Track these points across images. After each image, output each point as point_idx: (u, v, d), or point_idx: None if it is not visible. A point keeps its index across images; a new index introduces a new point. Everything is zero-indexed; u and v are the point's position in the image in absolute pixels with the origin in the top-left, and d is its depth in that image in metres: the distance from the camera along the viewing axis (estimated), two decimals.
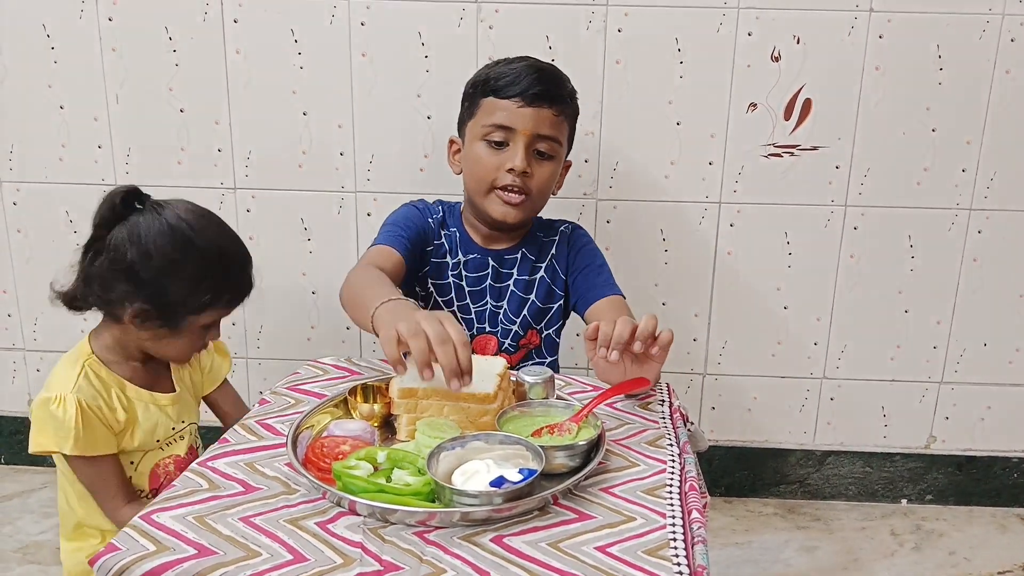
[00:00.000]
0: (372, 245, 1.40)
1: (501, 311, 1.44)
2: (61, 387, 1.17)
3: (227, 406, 1.42)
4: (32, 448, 1.18)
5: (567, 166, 1.47)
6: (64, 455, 1.16)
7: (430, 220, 1.45)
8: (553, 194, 1.45)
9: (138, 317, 1.17)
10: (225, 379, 1.41)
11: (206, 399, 1.40)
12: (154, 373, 1.28)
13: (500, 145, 1.34)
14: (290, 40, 1.77)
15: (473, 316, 1.45)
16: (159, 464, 1.26)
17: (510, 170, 1.33)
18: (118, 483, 1.20)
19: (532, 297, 1.45)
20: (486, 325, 1.45)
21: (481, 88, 1.37)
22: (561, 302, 1.46)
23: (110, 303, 1.18)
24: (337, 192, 1.86)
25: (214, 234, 1.20)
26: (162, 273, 1.14)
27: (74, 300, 1.21)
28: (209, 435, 1.26)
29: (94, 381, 1.20)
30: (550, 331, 1.48)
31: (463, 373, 0.92)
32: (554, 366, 1.50)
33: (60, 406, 1.15)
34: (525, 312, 1.44)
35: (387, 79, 1.78)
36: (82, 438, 1.15)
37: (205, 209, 1.22)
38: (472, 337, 1.45)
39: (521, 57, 1.39)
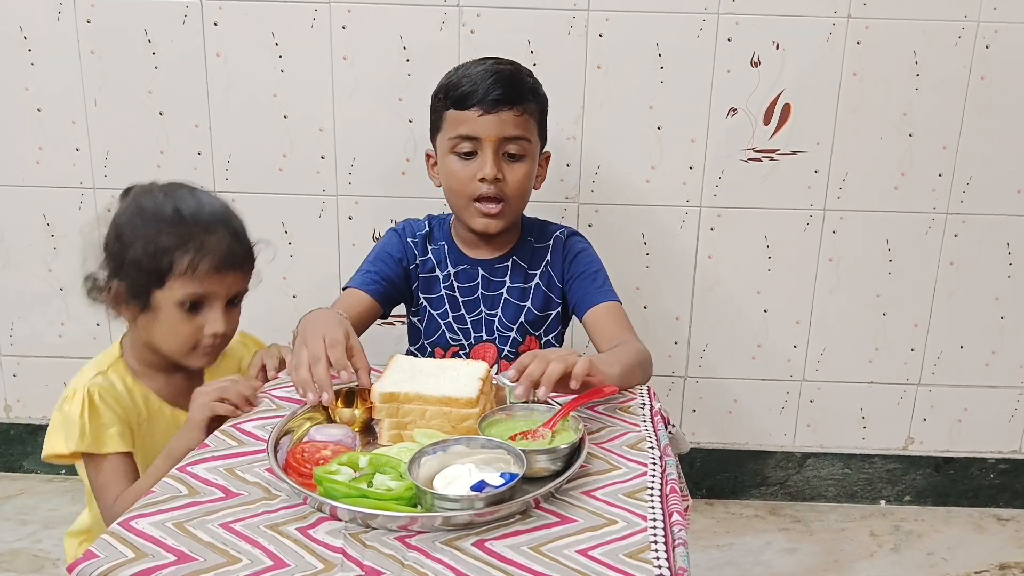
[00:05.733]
0: (347, 285, 1.42)
1: (496, 319, 1.44)
2: (76, 383, 1.15)
3: None
4: (44, 453, 1.15)
5: (546, 157, 1.47)
6: (78, 454, 1.12)
7: (410, 240, 1.46)
8: (536, 188, 1.45)
9: (115, 299, 1.16)
10: None
11: None
12: (186, 387, 1.22)
13: (469, 155, 1.35)
14: (271, 43, 1.76)
15: (469, 326, 1.45)
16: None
17: (482, 179, 1.33)
18: (122, 479, 1.14)
19: (528, 304, 1.45)
20: (483, 333, 1.45)
21: (442, 101, 1.38)
22: (559, 309, 1.46)
23: (100, 290, 1.17)
24: (318, 195, 1.85)
25: (176, 199, 1.16)
26: (123, 245, 1.13)
27: (90, 291, 1.20)
28: None
29: (116, 382, 1.18)
30: (550, 337, 1.48)
31: (316, 389, 1.01)
32: None
33: (71, 401, 1.13)
34: (522, 319, 1.44)
35: (368, 83, 1.78)
36: (88, 433, 1.11)
37: (185, 182, 1.20)
38: (471, 346, 1.45)
39: (479, 60, 1.39)
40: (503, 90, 1.32)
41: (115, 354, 1.22)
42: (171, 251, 1.12)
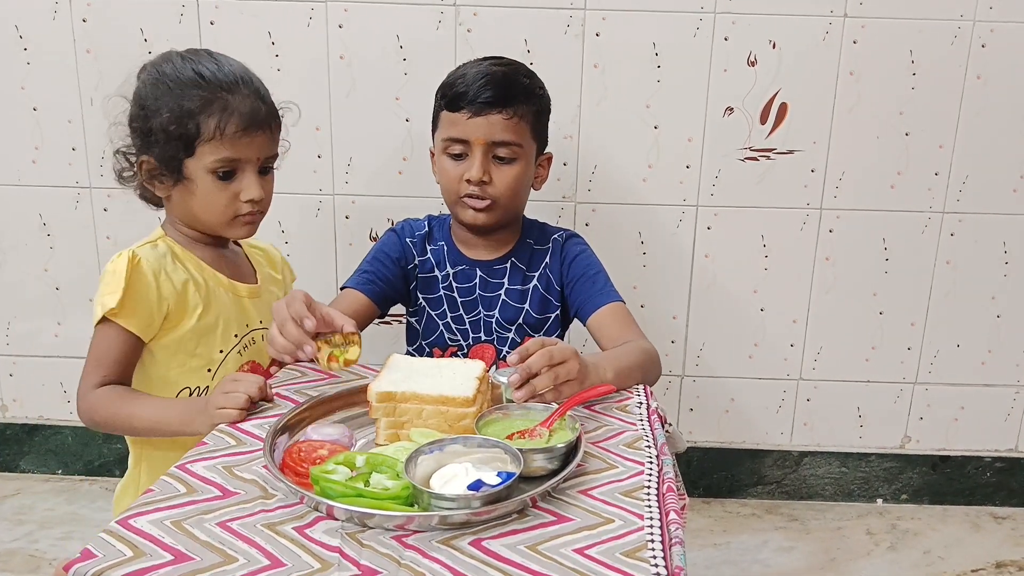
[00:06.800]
0: (344, 284, 1.43)
1: (493, 320, 1.44)
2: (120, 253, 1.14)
3: None
4: (95, 319, 1.13)
5: (547, 158, 1.46)
6: (105, 319, 1.10)
7: (408, 241, 1.46)
8: (536, 188, 1.45)
9: (149, 175, 1.16)
10: None
11: None
12: (234, 264, 1.26)
13: (460, 156, 1.36)
14: (267, 42, 1.76)
15: (468, 326, 1.45)
16: (241, 371, 1.22)
17: (468, 180, 1.34)
18: (114, 363, 1.13)
19: (526, 307, 1.44)
20: (481, 334, 1.45)
21: (439, 101, 1.39)
22: (558, 312, 1.46)
23: (132, 168, 1.18)
24: (315, 195, 1.85)
25: (194, 62, 1.15)
26: (149, 114, 1.13)
27: (121, 176, 1.21)
28: None
29: (164, 253, 1.17)
30: None
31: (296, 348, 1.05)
32: None
33: (116, 261, 1.12)
34: (521, 321, 1.44)
35: (365, 82, 1.78)
36: (128, 297, 1.10)
37: (203, 49, 1.20)
38: (469, 347, 1.45)
39: (479, 60, 1.39)
40: (493, 93, 1.32)
41: (158, 233, 1.21)
42: (196, 114, 1.11)
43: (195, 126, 1.12)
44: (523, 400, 1.02)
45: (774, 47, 1.76)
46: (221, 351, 1.21)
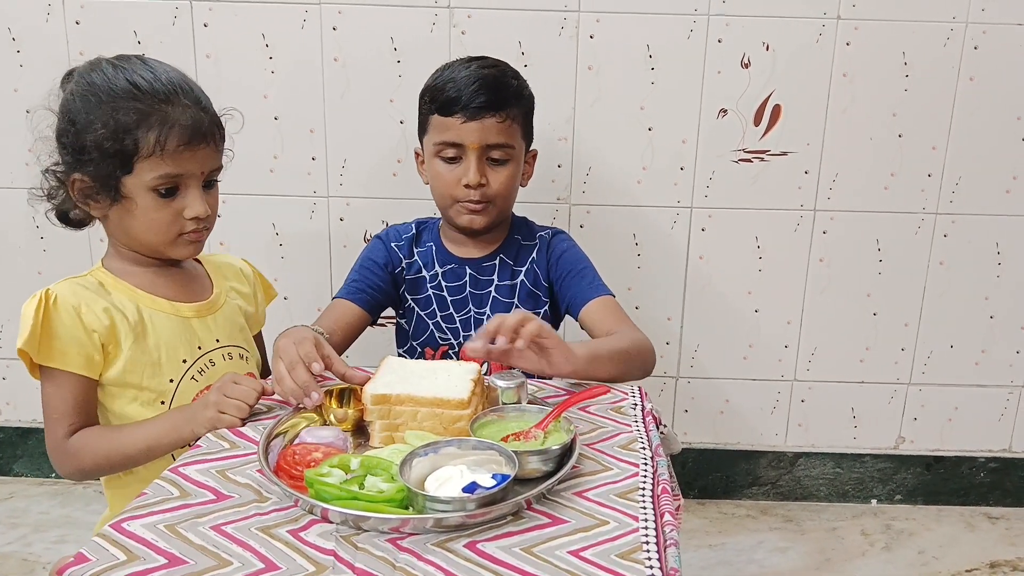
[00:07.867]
0: (335, 296, 1.43)
1: (484, 318, 1.45)
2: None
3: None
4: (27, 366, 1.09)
5: (533, 155, 1.48)
6: (39, 365, 1.07)
7: (394, 245, 1.47)
8: (523, 185, 1.46)
9: (81, 194, 1.08)
10: (260, 332, 1.33)
11: None
12: (181, 283, 1.17)
13: (453, 160, 1.36)
14: (261, 44, 1.76)
15: (458, 325, 1.45)
16: (197, 398, 1.14)
17: (466, 185, 1.35)
18: (73, 409, 1.08)
19: (515, 302, 1.45)
20: (472, 333, 1.45)
21: (428, 104, 1.39)
22: (546, 307, 1.47)
23: (63, 187, 1.09)
24: (309, 197, 1.85)
25: (127, 71, 1.06)
26: (79, 130, 1.04)
27: (49, 196, 1.12)
28: None
29: (89, 286, 1.10)
30: None
31: (303, 394, 1.01)
32: None
33: (30, 302, 1.06)
34: None
35: (359, 84, 1.78)
36: (39, 337, 1.04)
37: (133, 55, 1.10)
38: (459, 345, 1.45)
39: (465, 62, 1.39)
40: (486, 97, 1.33)
41: (95, 267, 1.15)
42: (133, 129, 1.03)
43: (132, 142, 1.03)
44: (502, 347, 1.04)
45: (767, 49, 1.76)
46: (171, 380, 1.14)
